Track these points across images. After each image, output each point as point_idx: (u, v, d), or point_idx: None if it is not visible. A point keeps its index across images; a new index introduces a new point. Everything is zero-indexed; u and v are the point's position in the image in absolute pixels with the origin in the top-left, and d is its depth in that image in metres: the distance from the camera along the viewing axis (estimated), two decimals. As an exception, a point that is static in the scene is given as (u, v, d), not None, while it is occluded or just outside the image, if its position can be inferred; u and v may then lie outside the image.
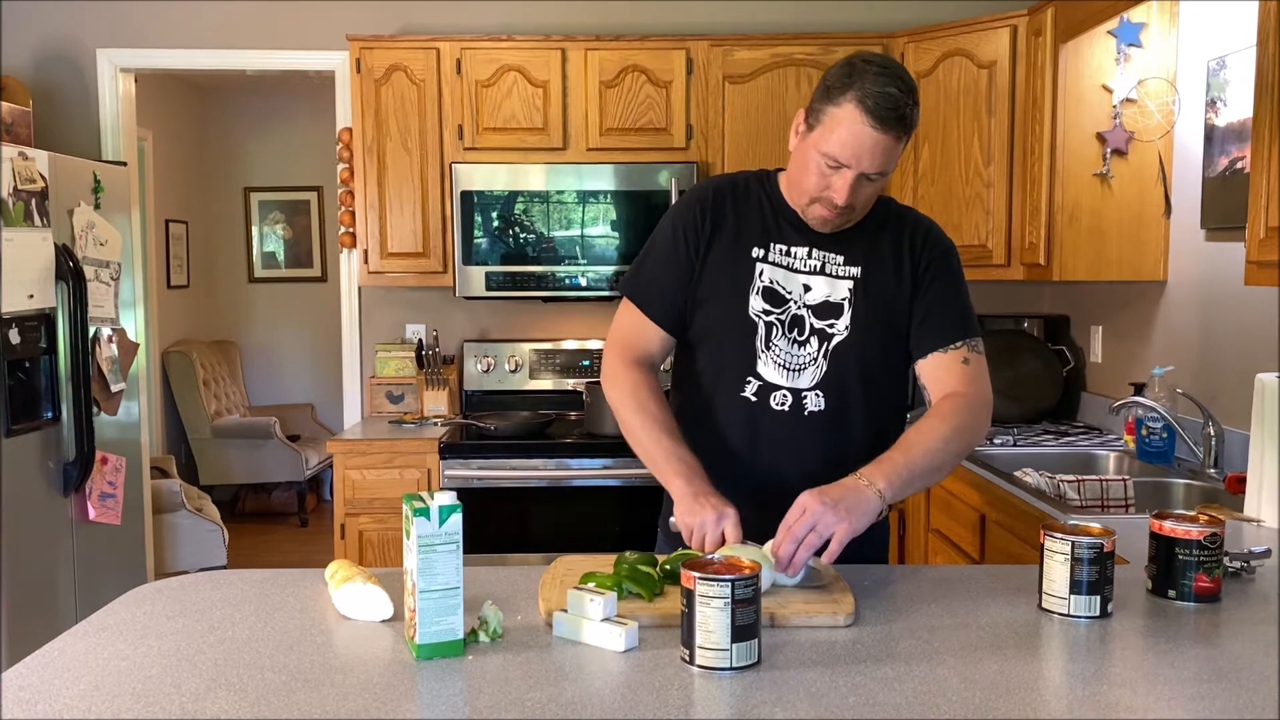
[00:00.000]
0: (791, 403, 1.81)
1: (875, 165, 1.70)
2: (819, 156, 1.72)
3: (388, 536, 3.58)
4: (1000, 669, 1.33)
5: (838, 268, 1.83)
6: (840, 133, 1.69)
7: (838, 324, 1.81)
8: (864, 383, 1.82)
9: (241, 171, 7.10)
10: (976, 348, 1.84)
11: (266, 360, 7.18)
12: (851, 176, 1.71)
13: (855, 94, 1.67)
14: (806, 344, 1.81)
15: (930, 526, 3.31)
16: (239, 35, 4.17)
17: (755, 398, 1.82)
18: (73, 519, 3.67)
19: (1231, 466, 2.70)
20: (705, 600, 1.30)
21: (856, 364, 1.81)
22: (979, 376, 1.82)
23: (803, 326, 1.81)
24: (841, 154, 1.70)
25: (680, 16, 4.12)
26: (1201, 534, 1.59)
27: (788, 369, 1.81)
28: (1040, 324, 3.89)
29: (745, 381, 1.82)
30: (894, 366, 1.88)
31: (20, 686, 1.28)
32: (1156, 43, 3.12)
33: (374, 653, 1.40)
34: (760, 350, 1.82)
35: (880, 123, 1.67)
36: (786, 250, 1.84)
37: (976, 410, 1.78)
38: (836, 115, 1.69)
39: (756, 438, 1.83)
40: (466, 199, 3.75)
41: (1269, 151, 2.11)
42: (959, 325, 1.83)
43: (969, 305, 1.87)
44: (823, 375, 1.81)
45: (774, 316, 1.82)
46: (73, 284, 3.53)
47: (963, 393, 1.79)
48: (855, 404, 1.83)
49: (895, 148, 1.71)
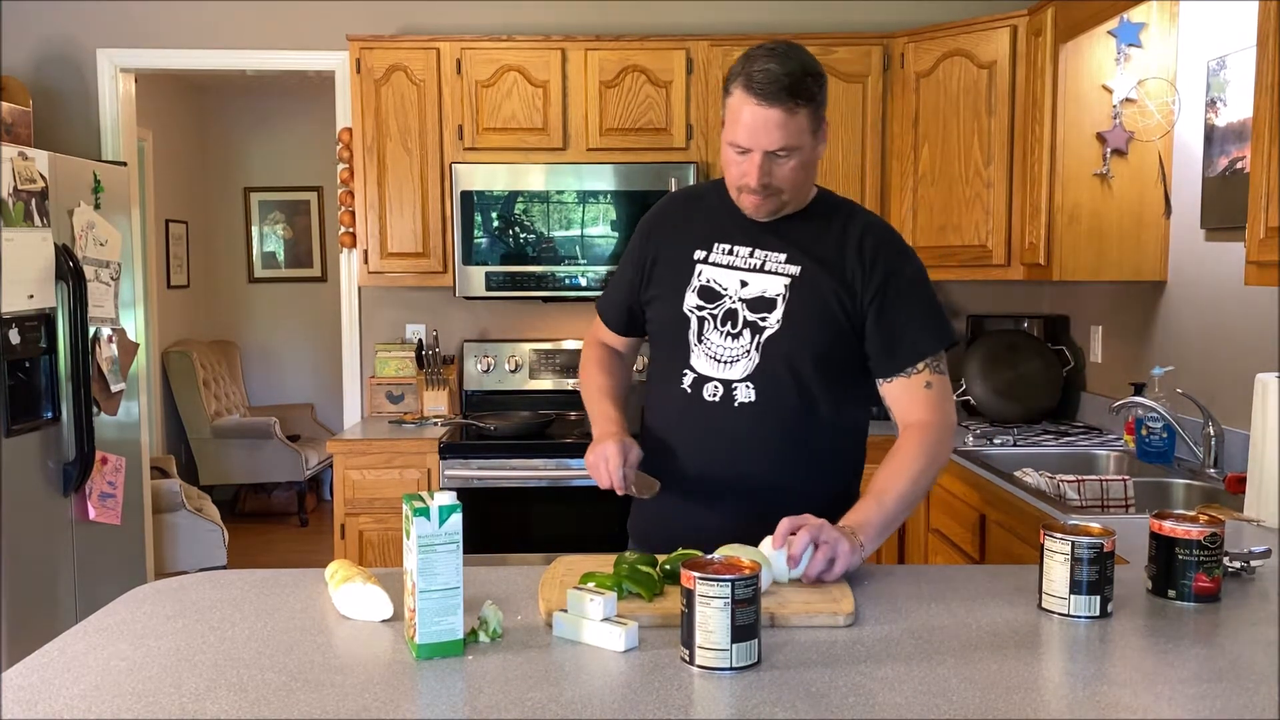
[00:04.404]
0: (723, 394, 1.87)
1: (775, 142, 1.75)
2: (728, 148, 1.81)
3: (388, 536, 3.58)
4: (1000, 669, 1.33)
5: (778, 265, 1.88)
6: (737, 118, 1.77)
7: (770, 317, 1.86)
8: (794, 376, 1.86)
9: (241, 171, 7.10)
10: (938, 367, 1.87)
11: (266, 360, 7.18)
12: (758, 158, 1.77)
13: (742, 79, 1.76)
14: (739, 337, 1.86)
15: (930, 526, 3.31)
16: (239, 35, 4.17)
17: (690, 390, 1.89)
18: (73, 519, 3.67)
19: (1231, 466, 2.70)
20: (705, 600, 1.31)
21: (786, 357, 1.85)
22: (942, 400, 1.87)
23: (736, 320, 1.87)
24: (742, 138, 1.77)
25: (680, 16, 4.12)
26: (1201, 534, 1.59)
27: (720, 361, 1.87)
28: (1040, 324, 3.88)
29: (682, 374, 1.90)
30: (833, 366, 1.88)
31: (20, 686, 1.28)
32: (1156, 43, 3.12)
33: (374, 653, 1.40)
34: (693, 344, 1.89)
35: (765, 98, 1.73)
36: (730, 250, 1.91)
37: (943, 439, 1.85)
38: (732, 104, 1.78)
39: (693, 428, 1.90)
40: (466, 199, 3.75)
41: (1269, 151, 2.11)
42: (919, 345, 1.85)
43: (932, 310, 1.88)
44: (754, 367, 1.86)
45: (707, 311, 1.89)
46: (73, 284, 3.53)
47: (928, 421, 1.85)
48: (786, 397, 1.86)
49: (791, 121, 1.74)
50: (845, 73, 3.81)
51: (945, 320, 1.90)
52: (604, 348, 2.13)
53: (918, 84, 3.76)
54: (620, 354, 2.13)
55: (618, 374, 2.09)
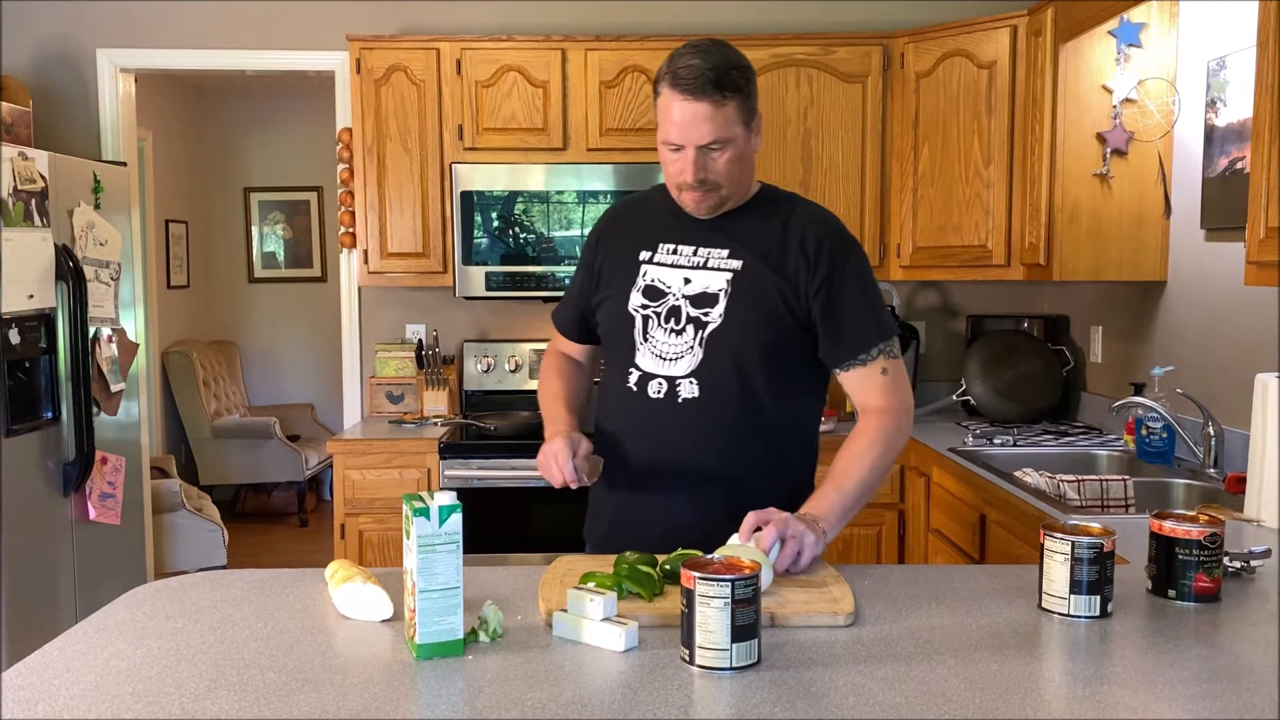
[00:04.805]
0: (667, 390, 1.88)
1: (706, 135, 1.77)
2: (664, 147, 1.84)
3: (388, 536, 3.58)
4: (1000, 669, 1.33)
5: (720, 261, 1.89)
6: (668, 116, 1.80)
7: (712, 312, 1.87)
8: (737, 370, 1.87)
9: (241, 171, 7.09)
10: (891, 351, 1.89)
11: (266, 360, 7.18)
12: (691, 153, 1.79)
13: (668, 77, 1.79)
14: (683, 333, 1.88)
15: (930, 526, 3.31)
16: (239, 35, 4.17)
17: (636, 388, 1.91)
18: (73, 519, 3.67)
19: (1231, 466, 2.70)
20: (705, 600, 1.31)
21: (730, 352, 1.86)
22: (898, 384, 1.89)
23: (679, 316, 1.88)
24: (673, 134, 1.80)
25: (680, 17, 4.12)
26: (1201, 534, 1.59)
27: (663, 358, 1.89)
28: (1040, 324, 3.88)
29: (628, 372, 1.92)
30: (777, 360, 1.89)
31: (20, 686, 1.28)
32: (1156, 43, 3.11)
33: (374, 653, 1.40)
34: (639, 342, 1.91)
35: (690, 92, 1.76)
36: (674, 249, 1.93)
37: (901, 423, 1.88)
38: (661, 104, 1.81)
39: (640, 426, 1.92)
40: (466, 199, 3.75)
41: (1269, 151, 2.11)
42: (871, 332, 1.88)
43: (878, 301, 1.92)
44: (698, 363, 1.87)
45: (651, 310, 1.91)
46: (73, 284, 3.53)
47: (885, 407, 1.87)
48: (730, 391, 1.87)
49: (719, 114, 1.77)
50: (845, 73, 3.81)
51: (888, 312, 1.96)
52: (561, 356, 2.14)
53: (918, 84, 3.76)
54: (579, 363, 2.14)
55: (573, 380, 2.10)
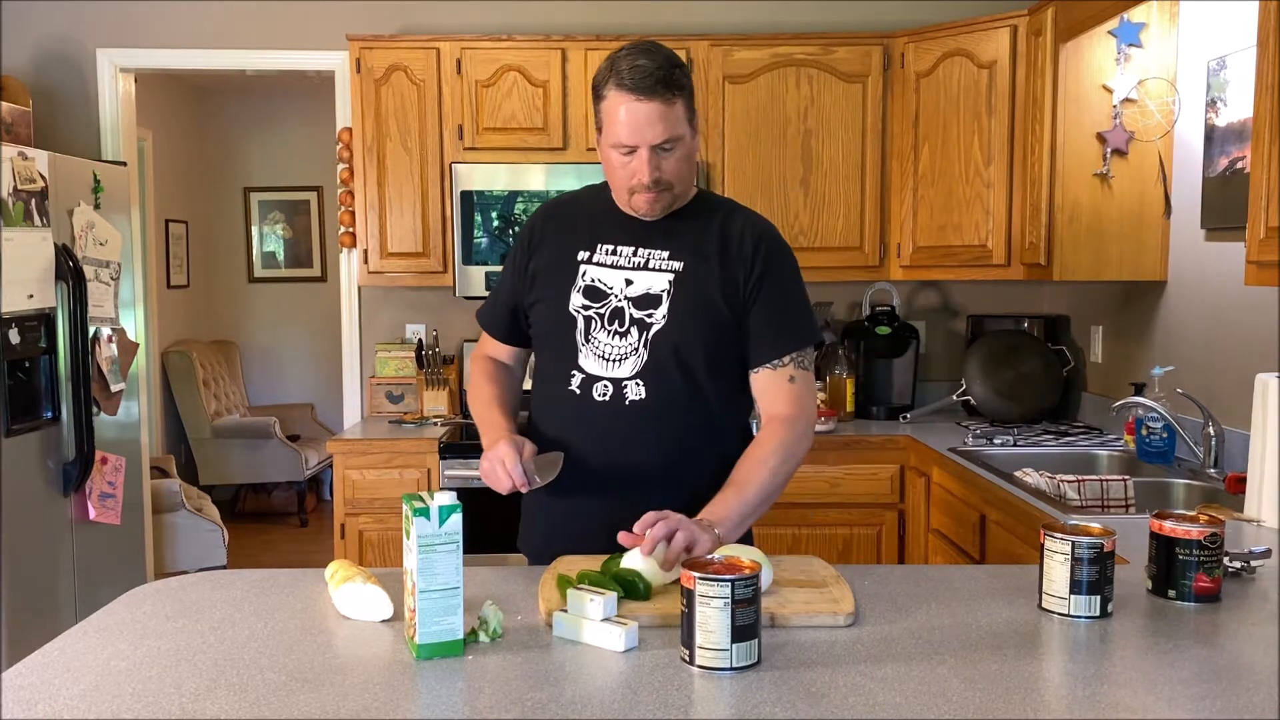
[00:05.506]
0: (612, 393, 1.87)
1: (659, 134, 1.78)
2: (612, 151, 1.83)
3: (388, 536, 3.58)
4: (1000, 669, 1.33)
5: (662, 262, 1.89)
6: (615, 119, 1.79)
7: (656, 313, 1.87)
8: (683, 371, 1.87)
9: (241, 171, 7.09)
10: (804, 362, 1.90)
11: (266, 360, 7.18)
12: (645, 154, 1.80)
13: (614, 80, 1.79)
14: (627, 335, 1.87)
15: (930, 526, 3.31)
16: (239, 35, 4.17)
17: (579, 390, 1.89)
18: (73, 519, 3.67)
19: (1231, 466, 2.70)
20: (705, 600, 1.31)
21: (674, 352, 1.86)
22: (804, 395, 1.91)
23: (623, 318, 1.88)
24: (625, 136, 1.79)
25: (680, 16, 4.12)
26: (1201, 534, 1.59)
27: (608, 360, 1.88)
28: (1040, 324, 3.88)
29: (570, 375, 1.90)
30: (721, 360, 1.90)
31: (20, 686, 1.28)
32: (1156, 43, 3.12)
33: (374, 653, 1.40)
34: (580, 344, 1.89)
35: (641, 92, 1.76)
36: (613, 250, 1.92)
37: (801, 434, 1.88)
38: (607, 107, 1.81)
39: (584, 429, 1.90)
40: (466, 199, 3.75)
41: (1269, 151, 2.11)
42: (787, 338, 1.89)
43: (803, 308, 1.93)
44: (643, 364, 1.87)
45: (593, 311, 1.89)
46: (73, 284, 3.53)
47: (788, 415, 1.88)
48: (676, 392, 1.87)
49: (670, 112, 1.78)
50: (845, 73, 3.81)
51: (814, 320, 1.96)
52: (490, 361, 2.09)
53: (918, 84, 3.76)
54: (508, 367, 2.10)
55: (505, 384, 2.05)
